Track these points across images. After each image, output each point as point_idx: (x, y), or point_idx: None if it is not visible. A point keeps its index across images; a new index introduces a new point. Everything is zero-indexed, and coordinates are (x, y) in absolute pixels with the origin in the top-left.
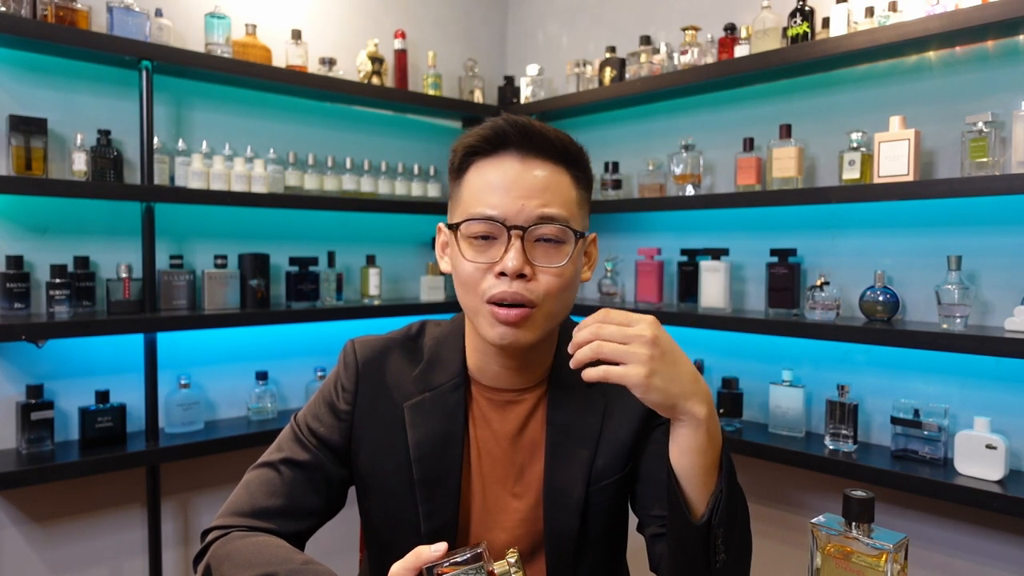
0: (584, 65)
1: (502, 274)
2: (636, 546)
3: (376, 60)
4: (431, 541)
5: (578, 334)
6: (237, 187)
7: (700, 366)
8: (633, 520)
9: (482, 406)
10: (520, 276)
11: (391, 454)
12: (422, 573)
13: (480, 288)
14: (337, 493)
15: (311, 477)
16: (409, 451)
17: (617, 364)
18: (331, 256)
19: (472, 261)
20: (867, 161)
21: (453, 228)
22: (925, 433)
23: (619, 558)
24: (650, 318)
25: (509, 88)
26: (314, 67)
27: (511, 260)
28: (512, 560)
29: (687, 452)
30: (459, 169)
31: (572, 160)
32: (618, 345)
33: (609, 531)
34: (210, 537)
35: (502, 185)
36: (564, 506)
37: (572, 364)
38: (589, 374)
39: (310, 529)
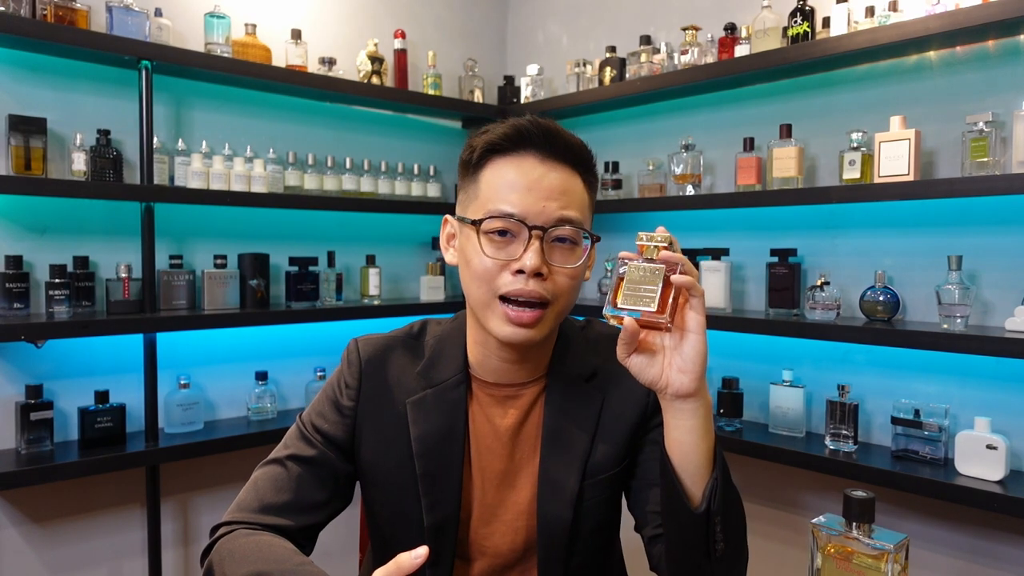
0: (584, 65)
1: (519, 271)
2: (636, 546)
3: (376, 60)
4: (433, 535)
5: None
6: (237, 187)
7: None
8: (631, 521)
9: (483, 402)
10: (537, 275)
11: (394, 450)
12: None
13: (495, 283)
14: (343, 488)
15: (317, 472)
16: (411, 446)
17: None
18: (331, 256)
19: (491, 257)
20: (867, 161)
21: (476, 223)
22: (925, 433)
23: (612, 554)
24: None
25: (509, 88)
26: (314, 67)
27: (530, 259)
28: (658, 237)
29: (694, 433)
30: (476, 164)
31: (587, 165)
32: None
33: (602, 526)
34: (217, 534)
35: (524, 184)
36: (557, 498)
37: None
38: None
39: (319, 523)
